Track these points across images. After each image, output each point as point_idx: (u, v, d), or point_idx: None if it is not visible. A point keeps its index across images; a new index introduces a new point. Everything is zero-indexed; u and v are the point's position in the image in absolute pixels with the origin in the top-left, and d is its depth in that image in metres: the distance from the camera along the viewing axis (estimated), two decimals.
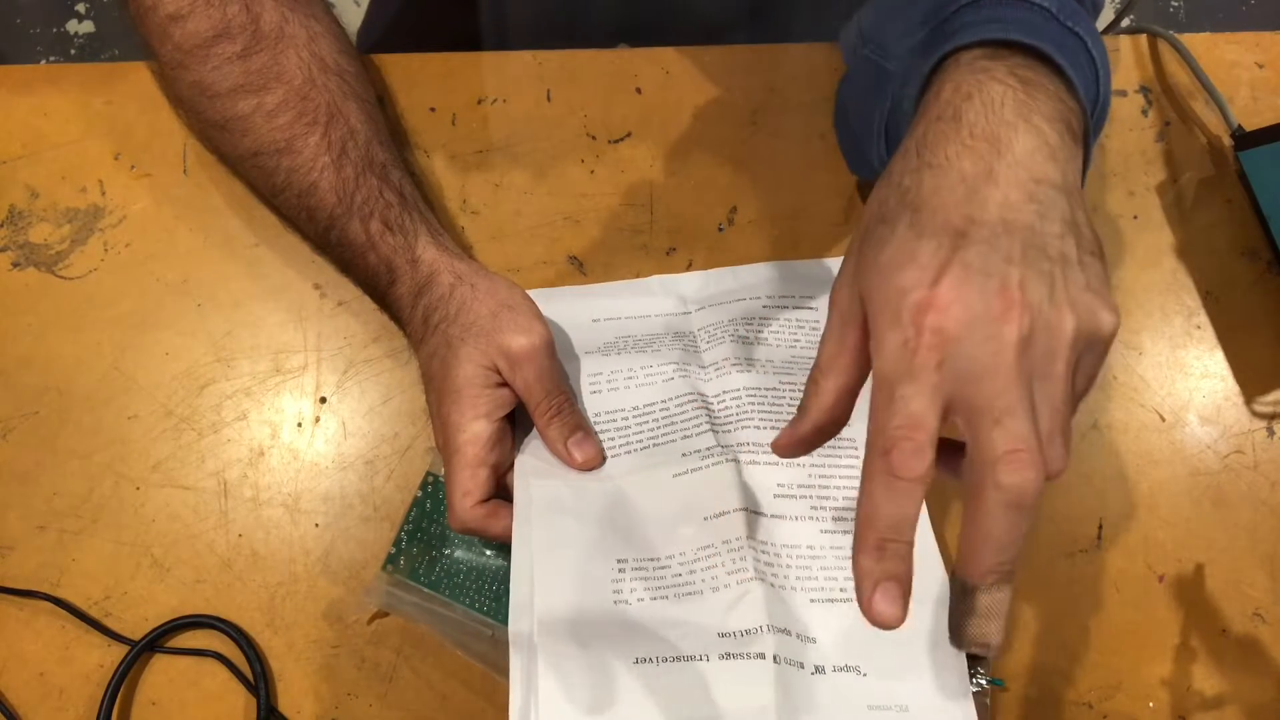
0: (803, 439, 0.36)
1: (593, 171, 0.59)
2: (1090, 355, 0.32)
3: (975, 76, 0.36)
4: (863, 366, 0.34)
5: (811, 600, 0.44)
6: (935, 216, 0.32)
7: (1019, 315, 0.30)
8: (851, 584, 0.44)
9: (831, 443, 0.48)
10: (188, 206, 0.57)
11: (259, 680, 0.49)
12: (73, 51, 1.53)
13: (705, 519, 0.46)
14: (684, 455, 0.48)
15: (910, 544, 0.30)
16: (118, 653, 0.49)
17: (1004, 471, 0.29)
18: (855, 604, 0.43)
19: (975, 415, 0.30)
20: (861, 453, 0.48)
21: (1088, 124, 0.38)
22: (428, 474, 0.51)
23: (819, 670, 0.42)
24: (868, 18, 0.51)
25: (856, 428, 0.50)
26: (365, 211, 0.50)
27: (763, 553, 0.45)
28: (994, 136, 0.34)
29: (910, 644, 0.43)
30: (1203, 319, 0.57)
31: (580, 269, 0.57)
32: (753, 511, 0.46)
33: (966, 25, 0.39)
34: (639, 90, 0.61)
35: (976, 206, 0.32)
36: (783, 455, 0.37)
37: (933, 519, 0.48)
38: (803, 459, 0.47)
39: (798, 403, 0.50)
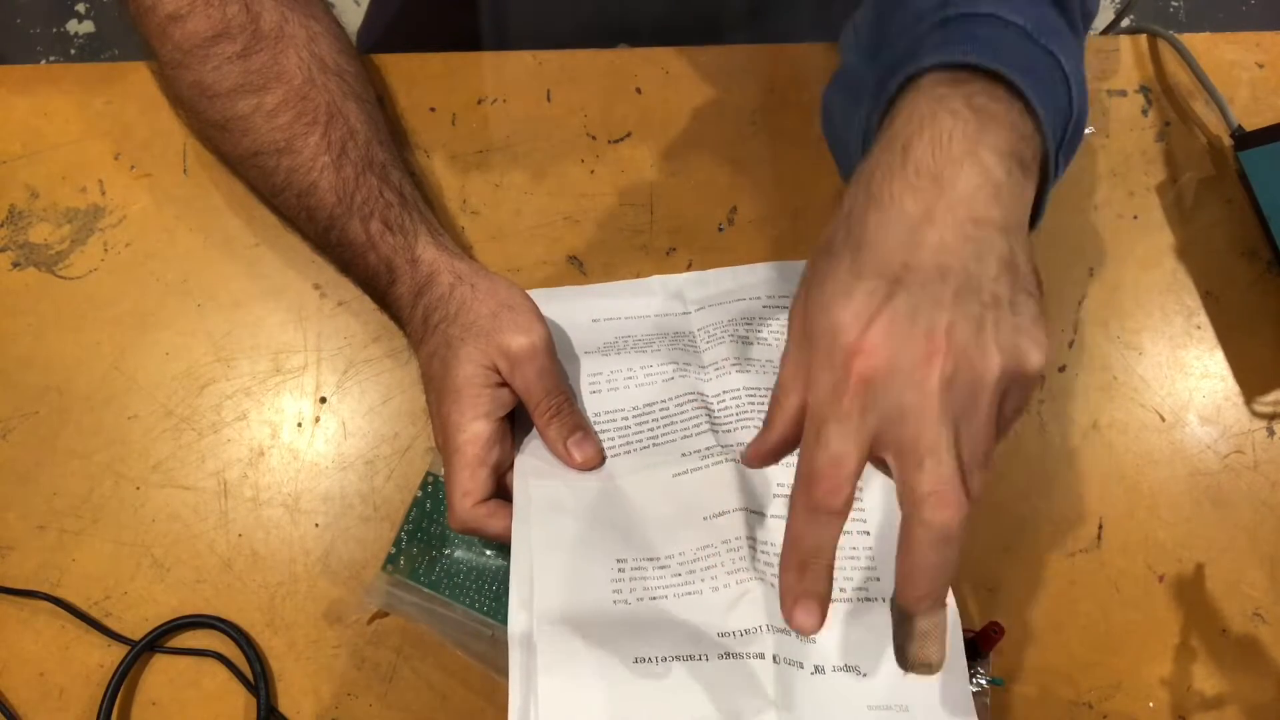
0: (769, 452, 0.37)
1: (593, 171, 0.59)
2: (1017, 390, 0.34)
3: (930, 106, 0.36)
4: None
5: None
6: (875, 257, 0.34)
7: (942, 360, 0.32)
8: (852, 584, 0.45)
9: None
10: (188, 206, 0.57)
11: (259, 680, 0.49)
12: (73, 51, 1.53)
13: (705, 519, 0.46)
14: (684, 455, 0.48)
15: (829, 565, 0.34)
16: (118, 653, 0.49)
17: (927, 510, 0.32)
18: (856, 604, 0.44)
19: (900, 455, 0.32)
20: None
21: (1046, 151, 0.38)
22: (428, 474, 0.51)
23: (819, 670, 0.42)
24: (861, 19, 0.51)
25: None
26: (365, 211, 0.50)
27: (762, 553, 0.45)
28: (937, 175, 0.34)
29: None
30: (1203, 319, 0.57)
31: (580, 269, 0.57)
32: (752, 511, 0.46)
33: (931, 46, 0.39)
34: (639, 90, 0.61)
35: (913, 250, 0.33)
36: (751, 466, 0.39)
37: None
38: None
39: None
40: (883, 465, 0.34)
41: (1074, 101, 0.40)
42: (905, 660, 0.34)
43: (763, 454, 0.37)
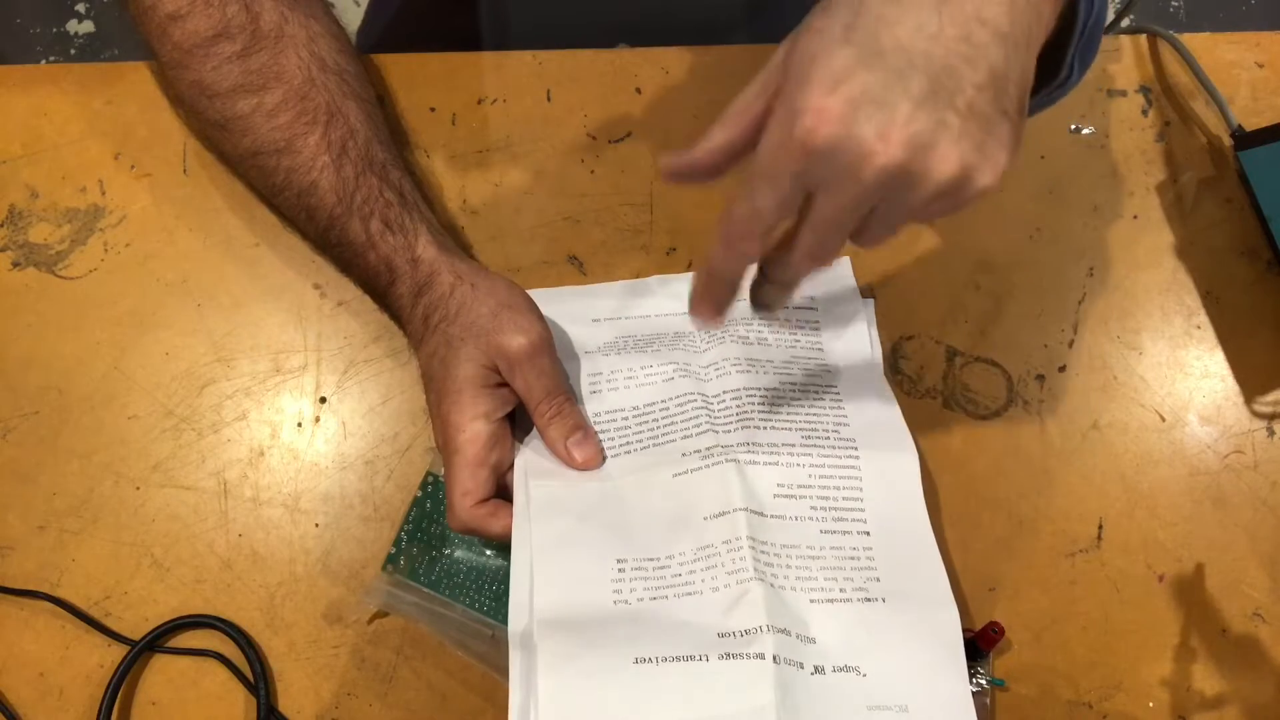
0: (679, 170, 0.39)
1: (593, 171, 0.59)
2: (955, 199, 0.34)
3: None
4: (755, 135, 0.36)
5: (811, 600, 0.44)
6: (870, 26, 0.33)
7: (888, 153, 0.32)
8: (852, 584, 0.45)
9: (832, 444, 0.49)
10: (188, 206, 0.57)
11: (259, 680, 0.49)
12: (73, 51, 1.53)
13: (705, 519, 0.46)
14: (684, 455, 0.48)
15: (732, 287, 0.38)
16: (118, 653, 0.49)
17: (798, 256, 0.36)
18: (855, 604, 0.44)
19: (808, 212, 0.35)
20: (862, 456, 0.48)
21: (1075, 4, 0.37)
22: (428, 474, 0.51)
23: (819, 670, 0.42)
24: None
25: (854, 427, 0.50)
26: (365, 211, 0.50)
27: (762, 553, 0.45)
28: None
29: (910, 644, 0.43)
30: (1203, 319, 0.57)
31: (580, 269, 0.57)
32: (753, 511, 0.46)
33: None
34: (639, 90, 0.61)
35: (907, 31, 0.33)
36: (666, 179, 0.40)
37: (933, 520, 0.48)
38: (802, 460, 0.48)
39: (798, 402, 0.51)
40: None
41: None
42: (754, 301, 0.40)
43: (673, 169, 0.39)
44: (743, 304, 0.54)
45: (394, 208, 0.50)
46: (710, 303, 0.39)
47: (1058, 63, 0.40)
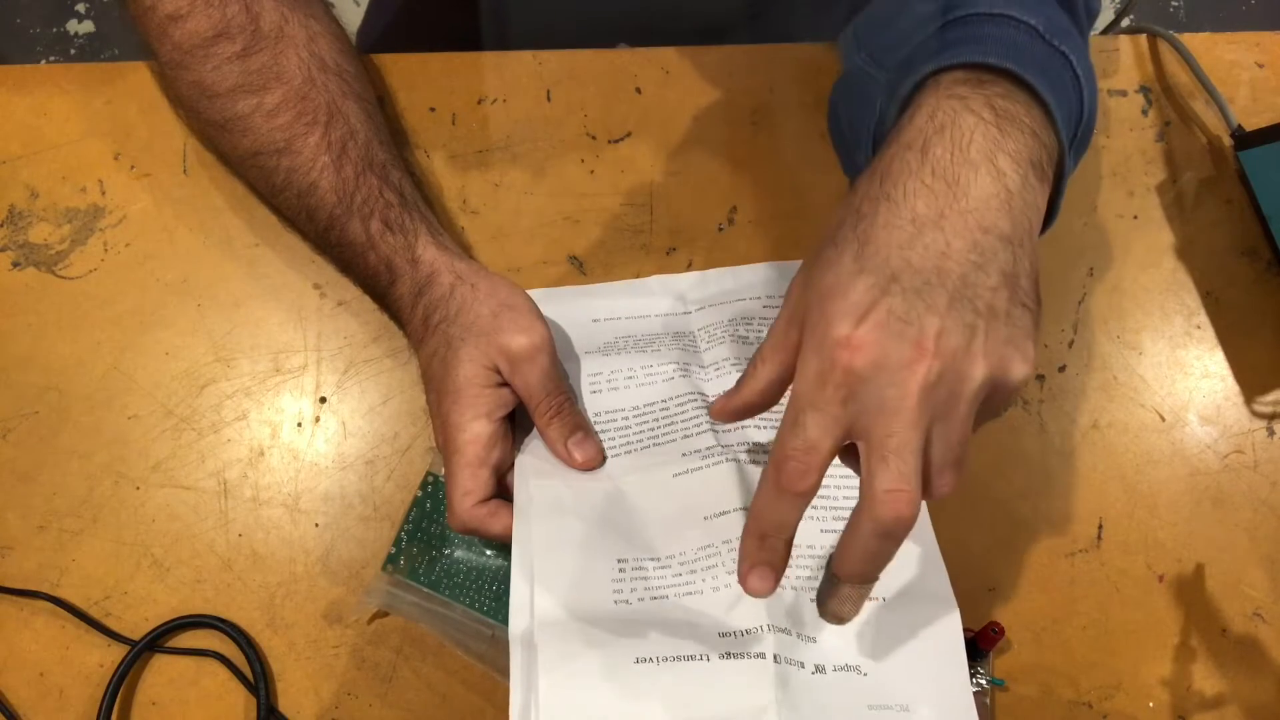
0: (734, 411, 0.40)
1: (593, 171, 0.59)
2: (998, 396, 0.35)
3: (951, 103, 0.37)
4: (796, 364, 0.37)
5: (811, 600, 0.44)
6: (878, 254, 0.34)
7: (927, 364, 0.33)
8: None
9: None
10: (188, 206, 0.57)
11: (259, 680, 0.49)
12: (73, 51, 1.53)
13: (706, 519, 0.46)
14: (684, 455, 0.48)
15: (788, 541, 0.36)
16: (118, 653, 0.49)
17: (880, 506, 0.33)
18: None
19: (869, 448, 0.34)
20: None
21: (1063, 155, 0.38)
22: (428, 474, 0.51)
23: (819, 670, 0.42)
24: (863, 23, 0.52)
25: None
26: (365, 211, 0.50)
27: None
28: (954, 179, 0.35)
29: (911, 644, 0.43)
30: (1203, 319, 0.57)
31: (580, 269, 0.57)
32: None
33: (950, 44, 0.39)
34: (639, 90, 0.61)
35: (918, 252, 0.34)
36: (716, 420, 0.42)
37: (933, 520, 0.48)
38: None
39: None
40: (852, 453, 0.35)
41: (1085, 103, 0.40)
42: (823, 609, 0.37)
43: (728, 411, 0.40)
44: (744, 303, 0.55)
45: (394, 208, 0.50)
46: (767, 570, 0.36)
47: (1048, 207, 0.40)
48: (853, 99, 0.49)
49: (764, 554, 0.36)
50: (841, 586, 0.36)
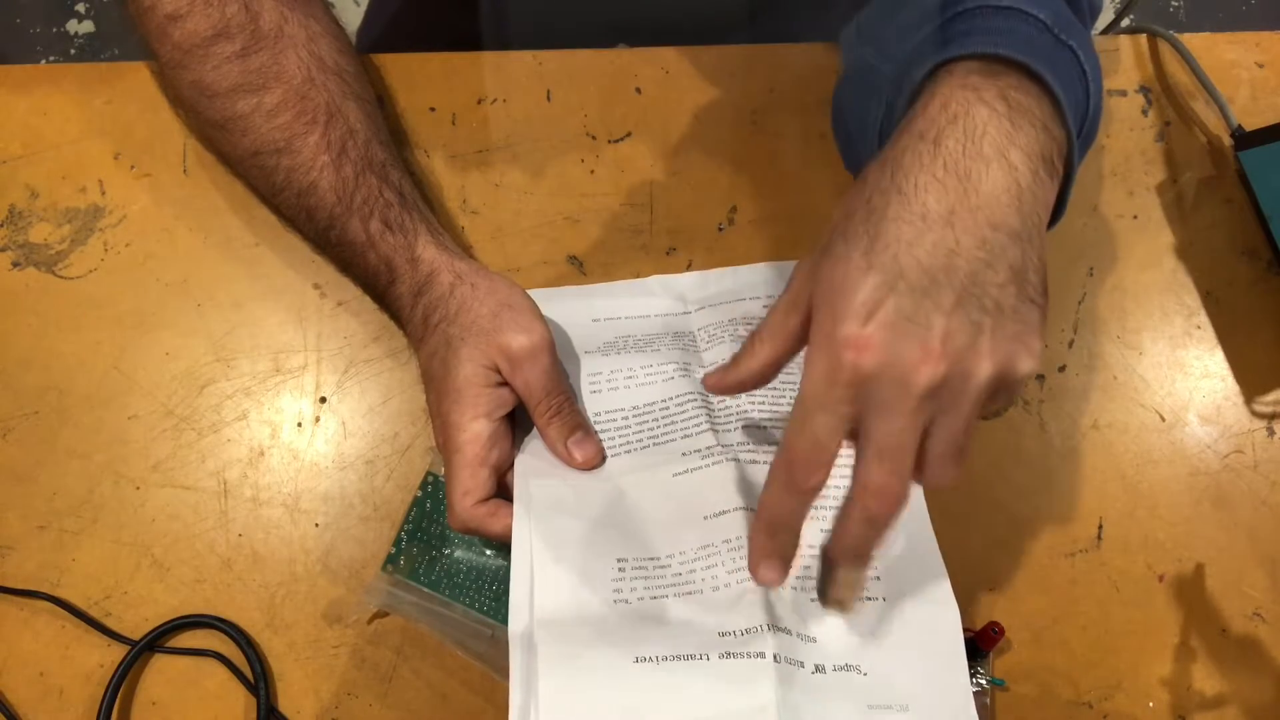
0: (727, 386, 0.41)
1: (593, 171, 0.59)
2: (1004, 390, 0.35)
3: (964, 94, 0.37)
4: (794, 348, 0.39)
5: (812, 599, 0.44)
6: (887, 251, 0.34)
7: (934, 365, 0.34)
8: None
9: None
10: (188, 206, 0.57)
11: (259, 680, 0.49)
12: (73, 51, 1.53)
13: (705, 518, 0.46)
14: (684, 455, 0.48)
15: (796, 533, 0.38)
16: (118, 653, 0.49)
17: (870, 498, 0.35)
18: (855, 604, 0.44)
19: (867, 441, 0.35)
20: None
21: (1072, 149, 0.38)
22: (428, 474, 0.51)
23: (819, 669, 0.42)
24: (867, 18, 0.52)
25: None
26: (365, 211, 0.50)
27: None
28: (965, 173, 0.35)
29: (911, 644, 0.43)
30: (1203, 319, 0.57)
31: (580, 269, 0.57)
32: (753, 511, 0.46)
33: (960, 35, 0.39)
34: (639, 90, 0.61)
35: (926, 250, 0.34)
36: (711, 392, 0.43)
37: (933, 520, 0.48)
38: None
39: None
40: (853, 436, 0.36)
41: (1090, 98, 0.40)
42: (824, 598, 0.39)
43: (722, 386, 0.41)
44: (743, 303, 0.55)
45: (394, 207, 0.50)
46: (777, 561, 0.38)
47: (1057, 201, 0.40)
48: (858, 92, 0.49)
49: (774, 546, 0.38)
50: (838, 571, 0.38)
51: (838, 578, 0.38)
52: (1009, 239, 0.35)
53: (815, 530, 0.46)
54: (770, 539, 0.38)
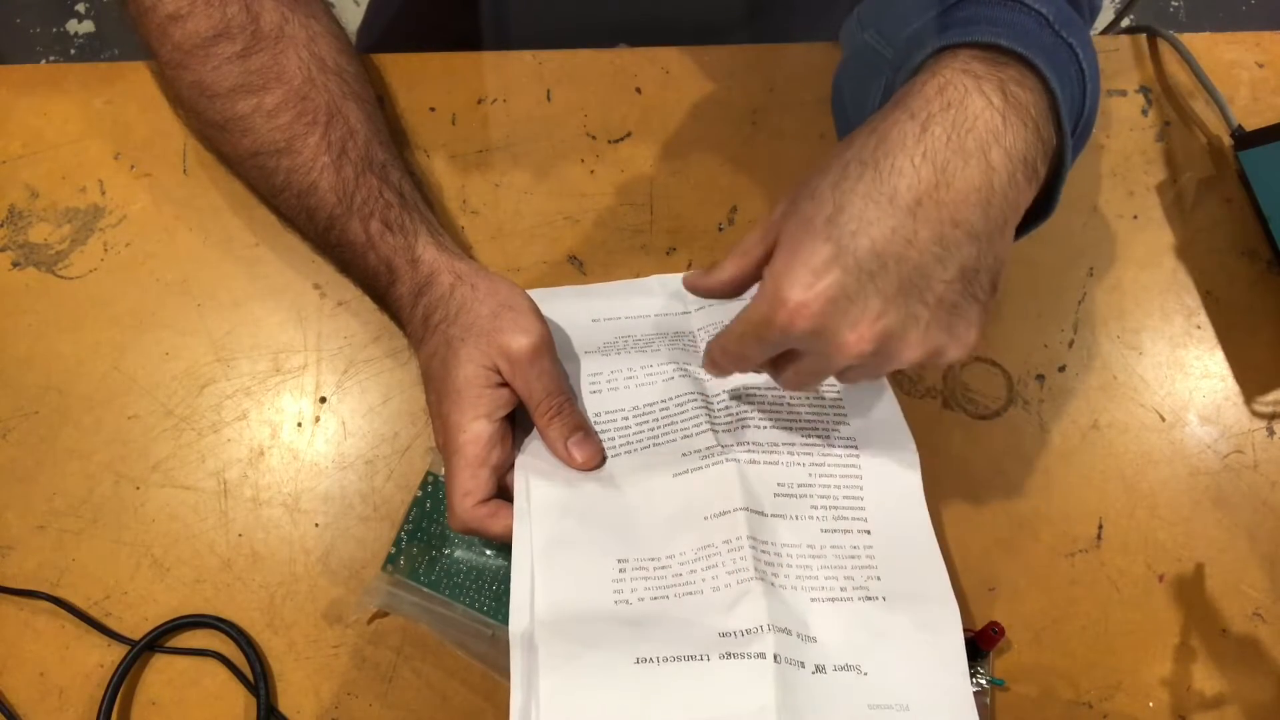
0: (699, 289, 0.45)
1: (593, 171, 0.59)
2: (925, 367, 0.40)
3: (964, 80, 0.37)
4: (758, 272, 0.41)
5: (812, 600, 0.44)
6: (847, 226, 0.36)
7: (860, 345, 0.37)
8: (853, 583, 0.45)
9: (832, 442, 0.49)
10: (188, 206, 0.57)
11: (259, 680, 0.49)
12: (73, 51, 1.53)
13: (706, 518, 0.46)
14: (684, 455, 0.48)
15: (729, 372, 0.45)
16: (118, 652, 0.49)
17: (775, 377, 0.42)
18: (856, 603, 0.44)
19: (788, 361, 0.41)
20: (862, 454, 0.48)
21: (1063, 148, 0.38)
22: (428, 474, 0.51)
23: (820, 669, 0.42)
24: (867, 7, 0.51)
25: (854, 425, 0.50)
26: (365, 211, 0.50)
27: (763, 552, 0.45)
28: (943, 166, 0.35)
29: (911, 644, 0.43)
30: (1203, 319, 0.57)
31: (580, 269, 0.57)
32: (753, 511, 0.46)
33: (962, 22, 0.39)
34: (639, 90, 0.61)
35: (883, 233, 0.35)
36: (685, 288, 0.46)
37: (933, 520, 0.48)
38: (803, 459, 0.48)
39: (798, 401, 0.51)
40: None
41: (1087, 98, 0.40)
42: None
43: (697, 288, 0.45)
44: (743, 303, 0.55)
45: (394, 208, 0.50)
46: (716, 368, 0.45)
47: (1047, 197, 0.40)
48: (857, 74, 0.49)
49: (714, 369, 0.45)
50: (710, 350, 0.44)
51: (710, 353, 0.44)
52: (966, 238, 0.35)
53: (815, 530, 0.46)
54: (711, 364, 0.44)
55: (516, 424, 0.49)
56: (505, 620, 0.44)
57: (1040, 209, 0.40)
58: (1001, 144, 0.36)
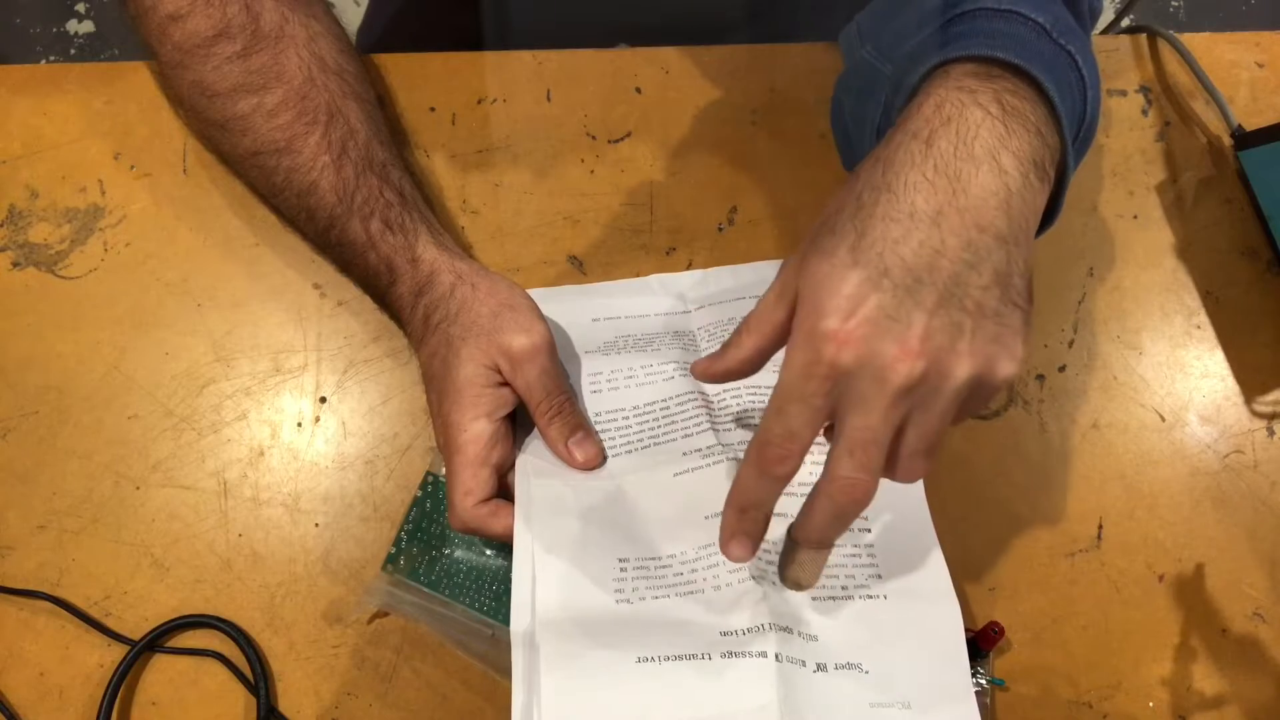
0: (715, 375, 0.41)
1: (593, 171, 0.59)
2: (982, 392, 0.36)
3: (960, 95, 0.37)
4: (780, 340, 0.39)
5: (813, 598, 0.44)
6: (873, 248, 0.35)
7: (911, 362, 0.34)
8: (854, 581, 0.45)
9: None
10: (188, 206, 0.57)
11: (259, 680, 0.48)
12: (73, 51, 1.53)
13: (706, 518, 0.46)
14: (685, 454, 0.48)
15: (767, 515, 0.38)
16: (118, 652, 0.49)
17: (837, 490, 0.35)
18: (857, 601, 0.44)
19: (841, 434, 0.35)
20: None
21: (1066, 154, 0.38)
22: (428, 474, 0.51)
23: (821, 668, 0.42)
24: (867, 19, 0.52)
25: None
26: (365, 211, 0.50)
27: (764, 551, 0.45)
28: (955, 174, 0.35)
29: (912, 642, 0.43)
30: (1203, 319, 0.58)
31: (580, 269, 0.57)
32: None
33: (959, 37, 0.39)
34: (639, 90, 0.61)
35: (912, 248, 0.34)
36: (698, 379, 0.43)
37: (935, 517, 0.48)
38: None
39: None
40: (829, 427, 0.36)
41: (1088, 105, 0.40)
42: (783, 577, 0.39)
43: (710, 374, 0.42)
44: (744, 302, 0.55)
45: (394, 208, 0.50)
46: (745, 539, 0.39)
47: (1051, 204, 0.40)
48: (857, 91, 0.49)
49: (744, 525, 0.38)
50: (799, 552, 0.38)
51: (798, 558, 0.39)
52: (995, 241, 0.35)
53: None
54: (739, 518, 0.38)
55: (517, 424, 0.49)
56: (505, 620, 0.44)
57: (1044, 216, 0.40)
58: (1008, 148, 0.36)
